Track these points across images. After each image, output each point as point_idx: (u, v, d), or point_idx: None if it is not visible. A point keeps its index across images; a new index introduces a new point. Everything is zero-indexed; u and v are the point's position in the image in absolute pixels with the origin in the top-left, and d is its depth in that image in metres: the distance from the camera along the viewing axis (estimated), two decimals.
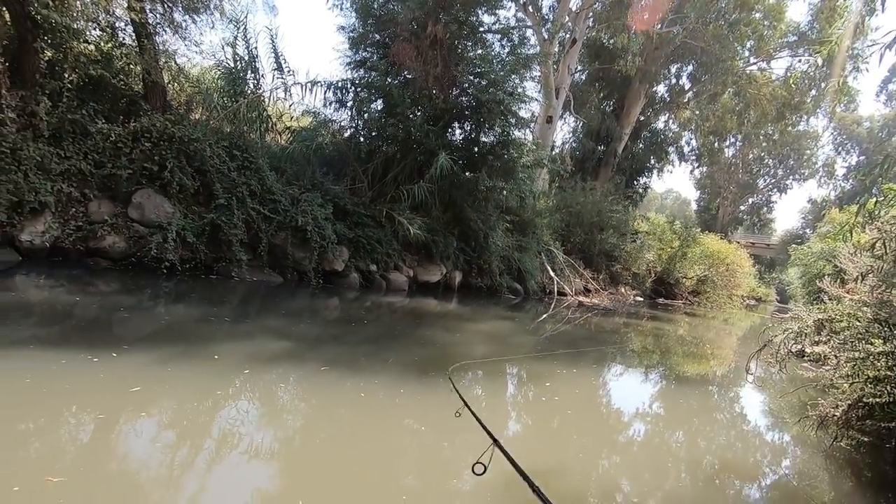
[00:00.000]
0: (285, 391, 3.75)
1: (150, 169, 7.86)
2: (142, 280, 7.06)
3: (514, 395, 4.83)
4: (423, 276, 11.18)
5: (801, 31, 20.92)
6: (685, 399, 5.49)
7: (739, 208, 40.51)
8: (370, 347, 5.53)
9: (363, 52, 11.71)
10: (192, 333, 4.89)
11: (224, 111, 9.60)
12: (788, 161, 37.54)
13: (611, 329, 10.09)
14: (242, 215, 8.30)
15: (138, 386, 3.23)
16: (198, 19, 10.11)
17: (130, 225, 7.65)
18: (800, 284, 17.46)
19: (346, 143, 11.36)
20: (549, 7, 19.61)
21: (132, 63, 9.20)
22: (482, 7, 11.75)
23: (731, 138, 32.75)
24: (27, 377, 3.12)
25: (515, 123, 11.89)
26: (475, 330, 7.68)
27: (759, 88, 22.07)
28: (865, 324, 3.92)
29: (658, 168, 25.98)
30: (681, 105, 24.22)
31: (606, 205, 17.77)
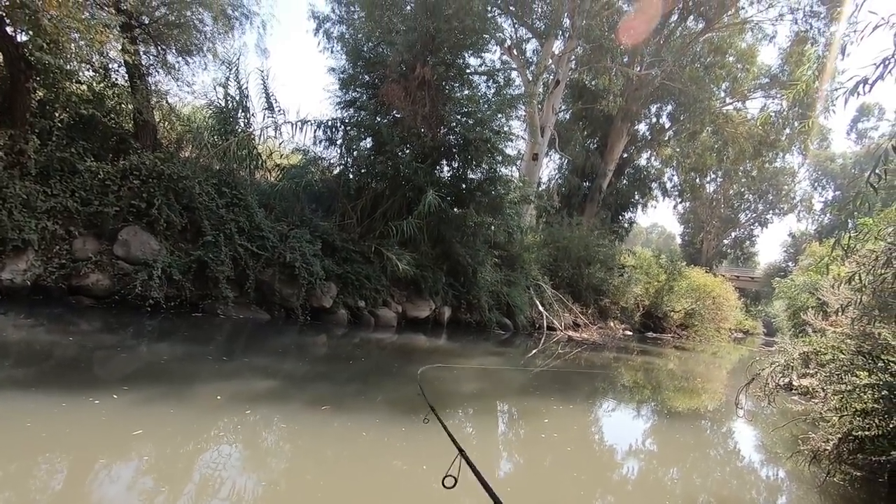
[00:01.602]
0: (271, 432, 3.64)
1: (138, 206, 7.84)
2: (125, 318, 6.91)
3: (514, 433, 4.75)
4: (411, 311, 11.11)
5: (772, 73, 21.95)
6: (679, 434, 5.43)
7: (723, 242, 41.25)
8: (359, 386, 5.43)
9: (353, 92, 11.99)
10: (177, 373, 4.77)
11: (214, 149, 9.69)
12: (768, 196, 38.57)
13: (601, 364, 10.04)
14: (230, 252, 8.25)
15: (120, 428, 3.12)
16: (191, 61, 10.33)
17: (115, 262, 7.56)
18: (785, 317, 17.63)
19: (335, 179, 11.47)
20: (533, 51, 20.43)
21: (124, 102, 9.31)
22: (468, 50, 12.18)
23: (711, 174, 33.67)
24: None
25: (502, 161, 12.14)
26: (466, 366, 7.59)
27: (736, 127, 22.93)
28: (850, 356, 3.97)
29: (642, 203, 26.54)
30: (662, 143, 25.01)
31: (593, 239, 17.99)
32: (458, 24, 10.82)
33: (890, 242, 4.20)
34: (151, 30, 9.49)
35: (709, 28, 20.19)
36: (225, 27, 10.40)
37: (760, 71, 22.34)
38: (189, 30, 9.76)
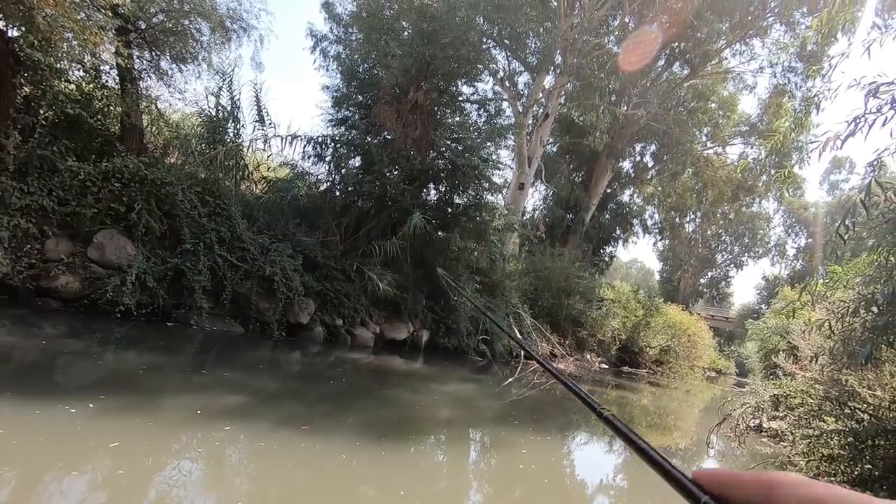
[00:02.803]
0: (236, 450, 3.53)
1: (117, 209, 7.67)
2: (93, 324, 6.69)
3: (492, 462, 4.68)
4: (389, 332, 10.99)
5: (751, 122, 22.89)
6: (652, 472, 5.41)
7: (700, 281, 42.06)
8: (329, 406, 5.32)
9: (345, 110, 12.09)
10: (149, 384, 4.61)
11: (201, 157, 9.61)
12: (744, 239, 39.65)
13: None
14: (208, 262, 8.10)
15: (97, 439, 2.99)
16: (184, 69, 10.31)
17: (88, 265, 7.35)
18: (757, 359, 17.91)
19: (321, 196, 11.45)
20: (525, 83, 20.96)
21: (112, 104, 9.21)
22: (462, 79, 12.44)
23: (690, 214, 34.55)
24: None
25: (489, 188, 12.29)
26: (440, 391, 7.51)
27: (716, 171, 23.71)
28: (818, 401, 4.04)
29: (623, 238, 27.04)
30: (644, 181, 25.66)
31: (574, 271, 18.17)
32: (454, 52, 11.07)
33: (858, 292, 4.34)
34: (147, 35, 9.48)
35: (693, 75, 21.04)
36: (222, 38, 10.45)
37: (741, 119, 23.28)
38: (185, 38, 9.78)
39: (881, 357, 4.14)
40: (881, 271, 3.80)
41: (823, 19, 4.23)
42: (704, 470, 0.39)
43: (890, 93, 3.38)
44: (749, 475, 0.36)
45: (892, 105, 3.36)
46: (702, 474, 0.39)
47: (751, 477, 0.36)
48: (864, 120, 3.46)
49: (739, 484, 0.36)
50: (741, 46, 20.45)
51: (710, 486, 0.38)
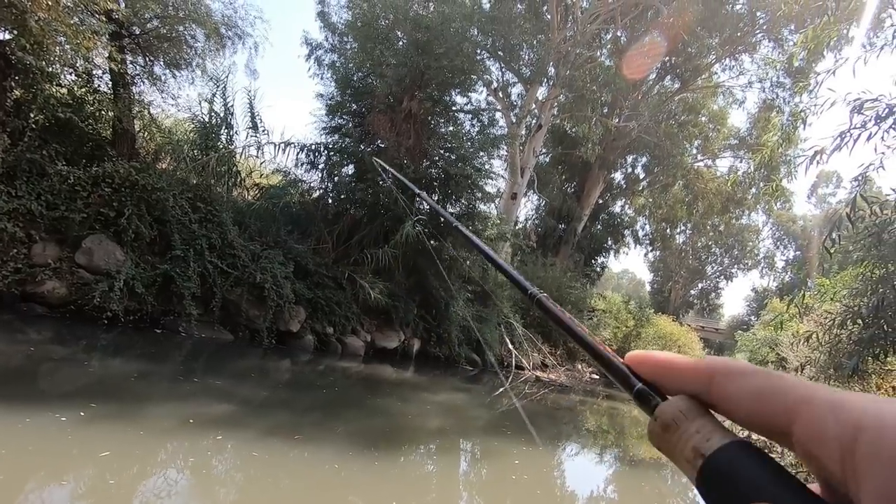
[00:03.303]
0: (226, 460, 3.47)
1: (107, 214, 7.61)
2: (79, 330, 6.60)
3: (485, 473, 4.64)
4: (380, 341, 10.93)
5: (741, 136, 23.20)
6: (644, 482, 5.41)
7: (690, 292, 42.34)
8: (320, 415, 5.26)
9: (339, 118, 12.11)
10: (131, 392, 4.55)
11: (193, 163, 9.56)
12: (733, 251, 40.03)
13: (567, 406, 10.01)
14: (198, 268, 8.03)
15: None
16: (178, 74, 10.29)
17: (75, 271, 7.26)
18: None
19: (314, 203, 11.42)
20: (518, 94, 21.12)
21: (104, 109, 9.16)
22: (456, 89, 12.53)
23: (681, 226, 34.82)
24: None
25: (481, 197, 12.34)
26: (431, 401, 7.46)
27: (706, 183, 23.98)
28: None
29: (615, 249, 27.19)
30: (636, 192, 25.89)
31: (566, 281, 18.23)
32: (448, 63, 11.15)
33: (845, 305, 4.39)
34: (141, 40, 9.47)
35: (684, 88, 21.34)
36: (217, 45, 10.46)
37: (730, 132, 23.61)
38: (180, 44, 9.77)
39: (867, 369, 4.18)
40: (867, 284, 3.85)
41: (809, 36, 4.32)
42: (637, 352, 0.35)
43: (874, 109, 3.45)
44: (686, 361, 0.32)
45: (876, 121, 3.43)
46: (635, 358, 0.35)
47: (688, 364, 0.32)
48: (850, 135, 3.53)
49: (676, 370, 0.32)
50: (731, 61, 20.79)
51: (644, 371, 0.34)
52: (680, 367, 0.32)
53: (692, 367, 0.31)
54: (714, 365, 0.30)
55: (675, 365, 0.33)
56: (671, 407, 0.31)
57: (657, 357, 0.34)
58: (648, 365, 0.34)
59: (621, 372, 0.35)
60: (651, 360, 0.34)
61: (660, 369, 0.33)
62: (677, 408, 0.30)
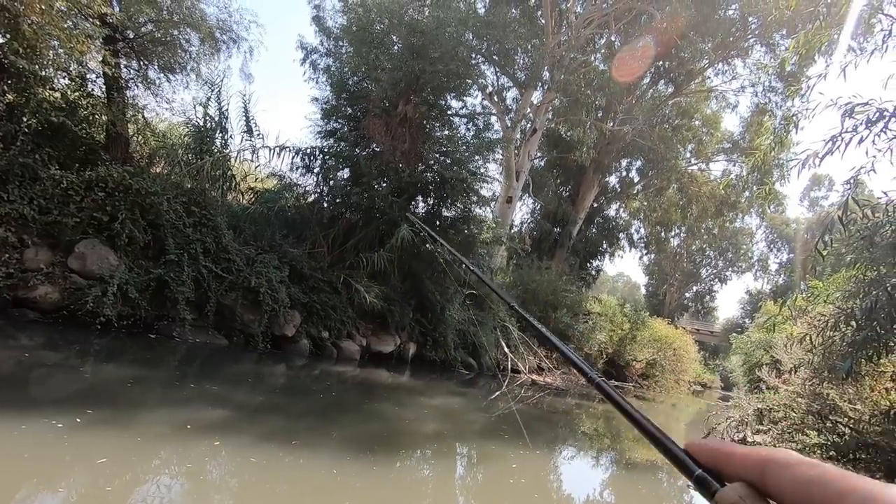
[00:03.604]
0: (224, 466, 3.45)
1: (100, 219, 7.55)
2: (71, 335, 6.54)
3: (483, 477, 4.63)
4: (376, 345, 10.90)
5: (734, 139, 23.40)
6: (641, 485, 5.41)
7: (685, 295, 42.50)
8: (314, 420, 5.24)
9: (334, 122, 12.11)
10: (127, 397, 4.50)
11: (187, 167, 9.53)
12: (727, 254, 40.25)
13: (563, 410, 10.01)
14: (193, 272, 7.99)
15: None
16: (172, 78, 10.27)
17: (68, 275, 7.20)
18: (741, 372, 18.10)
19: (309, 207, 11.40)
20: (513, 98, 21.23)
21: (98, 113, 9.12)
22: (451, 93, 12.56)
23: (675, 229, 35.01)
24: None
25: (477, 201, 12.35)
26: (427, 405, 7.44)
27: (700, 187, 24.13)
28: (801, 415, 4.08)
29: (610, 252, 27.29)
30: (630, 196, 26.01)
31: (561, 284, 18.26)
32: (443, 67, 11.18)
33: (838, 307, 4.42)
34: (135, 44, 9.44)
35: (677, 93, 21.50)
36: (211, 49, 10.45)
37: (724, 136, 23.79)
38: (174, 48, 9.76)
39: (861, 371, 4.21)
40: (859, 287, 3.88)
41: (800, 41, 4.37)
42: (697, 441, 0.38)
43: (865, 113, 3.49)
44: (742, 450, 0.35)
45: (867, 125, 3.47)
46: (694, 446, 0.38)
47: (744, 452, 0.34)
48: (841, 139, 3.57)
49: (732, 458, 0.35)
50: (723, 66, 20.97)
51: (702, 457, 0.37)
52: (736, 455, 0.35)
53: (748, 455, 0.34)
54: (768, 455, 0.33)
55: (733, 453, 0.35)
56: (732, 492, 0.33)
57: (716, 445, 0.36)
58: (708, 451, 0.37)
59: (680, 458, 0.37)
60: (710, 447, 0.37)
61: (719, 456, 0.36)
62: (737, 494, 0.32)
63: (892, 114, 3.47)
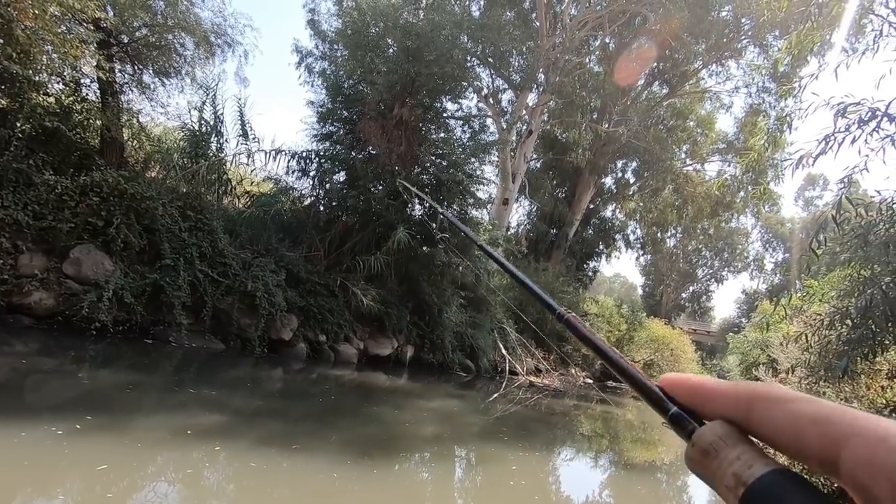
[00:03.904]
0: (225, 470, 3.43)
1: (95, 224, 7.52)
2: (66, 341, 6.51)
3: (484, 479, 4.62)
4: (373, 348, 10.88)
5: (728, 140, 23.51)
6: (640, 486, 5.41)
7: (681, 295, 42.58)
8: (312, 424, 5.22)
9: (330, 126, 12.11)
10: (120, 403, 4.48)
11: (183, 171, 9.51)
12: (723, 254, 40.37)
13: (561, 412, 10.01)
14: (189, 277, 7.96)
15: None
16: (167, 83, 10.25)
17: (63, 281, 7.16)
18: (738, 372, 18.15)
19: (305, 210, 11.38)
20: (508, 101, 21.28)
21: (92, 118, 9.09)
22: (446, 95, 12.58)
23: (671, 230, 35.11)
24: None
25: (473, 203, 12.37)
26: (426, 408, 7.43)
27: (695, 187, 24.23)
28: None
29: (606, 253, 27.33)
30: (626, 197, 26.08)
31: (558, 286, 18.28)
32: (438, 70, 11.20)
33: (833, 306, 4.44)
34: (130, 49, 9.42)
35: (672, 94, 21.59)
36: (206, 53, 10.43)
37: (718, 137, 23.90)
38: (169, 52, 9.74)
39: (857, 370, 4.23)
40: (854, 285, 3.90)
41: (793, 42, 4.40)
42: (672, 375, 0.34)
43: (857, 113, 3.51)
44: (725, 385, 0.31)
45: (860, 124, 3.49)
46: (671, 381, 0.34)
47: (727, 386, 0.31)
48: (834, 138, 3.59)
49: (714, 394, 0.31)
50: (717, 67, 21.08)
51: (680, 395, 0.33)
52: (718, 391, 0.31)
53: (731, 390, 0.31)
54: (755, 389, 0.29)
55: (713, 389, 0.32)
56: (710, 432, 0.30)
57: (693, 380, 0.33)
58: (684, 388, 0.33)
59: (655, 395, 0.34)
60: (687, 382, 0.33)
61: (696, 393, 0.32)
62: (716, 433, 0.30)
63: (884, 113, 3.49)
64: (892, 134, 3.50)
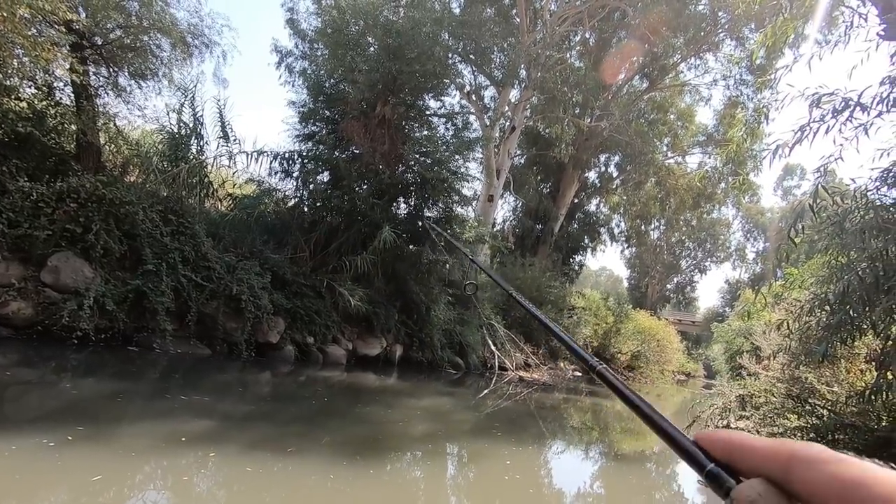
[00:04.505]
0: (208, 477, 3.39)
1: (73, 231, 7.36)
2: (47, 351, 6.37)
3: (479, 474, 4.64)
4: (362, 349, 10.85)
5: (708, 132, 23.85)
6: (632, 476, 5.48)
7: (666, 287, 43.17)
8: (302, 427, 5.18)
9: (312, 126, 12.00)
10: (111, 413, 4.39)
11: (163, 175, 9.35)
12: (706, 245, 41.02)
13: (551, 405, 10.08)
14: (172, 282, 7.84)
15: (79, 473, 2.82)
16: (144, 85, 10.06)
17: (42, 290, 7.00)
18: (723, 360, 18.44)
19: (289, 212, 11.28)
20: (491, 97, 21.30)
21: (67, 122, 8.89)
22: (429, 93, 12.55)
23: (655, 222, 35.55)
24: None
25: (458, 200, 12.37)
26: (417, 406, 7.43)
27: (677, 179, 24.56)
28: (780, 399, 4.18)
29: (592, 247, 27.57)
30: (610, 190, 26.34)
31: (545, 280, 18.40)
32: (420, 67, 11.17)
33: (813, 292, 4.54)
34: (104, 51, 9.23)
35: (652, 87, 21.83)
36: (183, 54, 10.26)
37: (698, 129, 24.25)
38: (145, 54, 9.56)
39: (837, 354, 4.33)
40: (832, 272, 3.99)
41: (768, 34, 4.48)
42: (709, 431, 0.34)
43: (831, 103, 3.59)
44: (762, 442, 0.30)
45: (834, 114, 3.57)
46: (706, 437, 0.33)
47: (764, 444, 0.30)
48: (810, 128, 3.66)
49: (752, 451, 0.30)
50: (696, 60, 21.35)
51: (716, 450, 0.32)
52: (756, 448, 0.30)
53: (770, 448, 0.30)
54: (794, 448, 0.29)
55: (751, 446, 0.31)
56: (750, 490, 0.29)
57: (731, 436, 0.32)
58: (721, 444, 0.32)
59: (690, 450, 0.34)
60: (724, 439, 0.32)
61: (734, 449, 0.32)
62: (756, 491, 0.29)
63: (857, 103, 3.58)
64: (865, 123, 3.59)
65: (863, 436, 3.52)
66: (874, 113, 3.57)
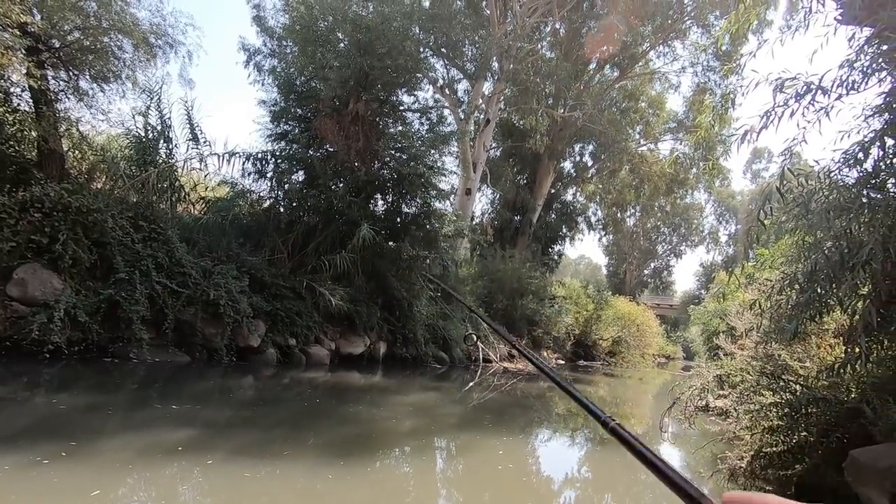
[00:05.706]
0: (203, 486, 3.33)
1: (39, 241, 7.11)
2: (16, 366, 6.16)
3: (472, 465, 4.66)
4: (345, 348, 10.79)
5: (679, 119, 24.28)
6: (619, 458, 5.58)
7: (644, 272, 43.96)
8: (287, 430, 5.13)
9: (284, 125, 11.82)
10: (91, 426, 4.27)
11: (131, 180, 9.09)
12: (680, 229, 41.87)
13: (536, 394, 10.20)
14: (146, 290, 7.65)
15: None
16: (107, 88, 9.71)
17: (8, 304, 6.76)
18: (700, 341, 18.91)
19: (264, 213, 11.11)
20: (464, 91, 21.28)
21: (26, 129, 8.56)
22: (402, 88, 12.46)
23: (630, 209, 36.14)
24: None
25: (436, 195, 12.34)
26: (403, 402, 7.43)
27: (650, 166, 24.97)
28: (755, 377, 4.31)
29: (570, 236, 27.87)
30: (585, 179, 26.64)
31: (525, 271, 18.55)
32: (392, 62, 11.07)
33: (782, 272, 4.68)
34: (63, 54, 8.89)
35: (623, 76, 22.09)
36: (147, 55, 9.94)
37: (669, 116, 24.66)
38: (106, 56, 9.23)
39: (807, 331, 4.48)
40: (800, 251, 4.12)
41: (732, 21, 4.57)
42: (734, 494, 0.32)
43: (794, 87, 3.69)
44: None
45: (797, 98, 3.67)
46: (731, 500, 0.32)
47: None
48: (774, 113, 3.76)
49: None
50: (664, 48, 21.68)
51: None
52: None
53: None
54: None
55: None
56: None
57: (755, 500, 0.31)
58: None
59: None
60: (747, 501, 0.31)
61: None
62: None
63: (818, 87, 3.68)
64: (826, 106, 3.70)
65: (833, 408, 3.66)
66: (834, 96, 3.68)
